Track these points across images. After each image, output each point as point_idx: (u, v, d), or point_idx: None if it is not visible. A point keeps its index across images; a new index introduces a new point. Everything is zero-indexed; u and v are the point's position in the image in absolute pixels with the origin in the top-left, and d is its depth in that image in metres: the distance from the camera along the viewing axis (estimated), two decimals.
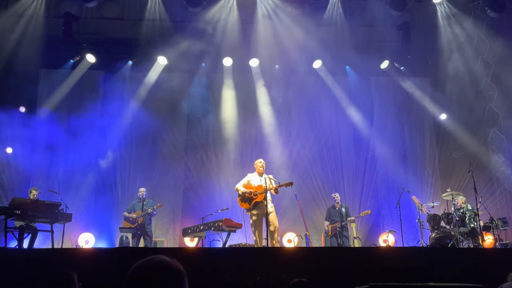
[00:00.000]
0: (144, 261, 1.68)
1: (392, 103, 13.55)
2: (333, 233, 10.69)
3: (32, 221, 8.18)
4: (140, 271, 1.64)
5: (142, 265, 1.66)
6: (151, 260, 1.67)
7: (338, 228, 10.57)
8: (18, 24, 12.43)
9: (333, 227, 10.70)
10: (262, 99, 13.34)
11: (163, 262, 1.67)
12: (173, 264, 1.68)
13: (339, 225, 10.58)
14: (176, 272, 1.66)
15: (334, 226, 10.71)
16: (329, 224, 10.98)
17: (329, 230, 10.78)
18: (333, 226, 10.70)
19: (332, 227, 10.72)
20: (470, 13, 12.90)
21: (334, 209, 11.12)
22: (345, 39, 12.63)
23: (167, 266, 1.66)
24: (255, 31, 12.81)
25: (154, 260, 1.67)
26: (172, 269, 1.66)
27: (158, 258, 1.68)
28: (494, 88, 12.94)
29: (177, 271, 1.67)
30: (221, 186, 12.62)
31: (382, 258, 6.65)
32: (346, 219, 10.78)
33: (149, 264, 1.66)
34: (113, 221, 12.27)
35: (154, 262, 1.66)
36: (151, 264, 1.66)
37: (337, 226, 10.56)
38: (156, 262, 1.66)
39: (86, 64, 13.05)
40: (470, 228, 10.03)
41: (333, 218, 10.96)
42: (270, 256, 6.71)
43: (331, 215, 11.11)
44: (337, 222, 10.64)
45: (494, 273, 5.21)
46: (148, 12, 12.73)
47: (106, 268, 5.88)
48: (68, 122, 12.43)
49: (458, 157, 12.97)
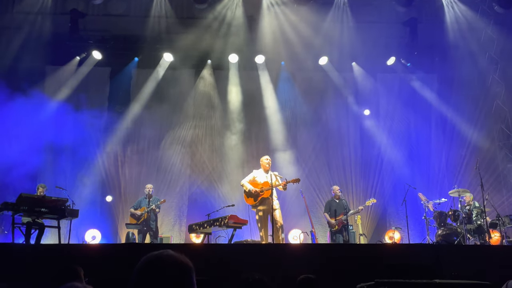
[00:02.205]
0: (153, 254, 1.68)
1: (398, 100, 13.47)
2: (339, 226, 10.48)
3: (39, 217, 8.22)
4: (148, 265, 1.65)
5: (151, 259, 1.66)
6: (159, 254, 1.68)
7: (344, 221, 10.35)
8: (25, 21, 12.47)
9: (339, 220, 10.47)
10: (268, 96, 13.33)
11: (172, 256, 1.67)
12: (181, 258, 1.68)
13: (343, 217, 10.35)
14: (184, 266, 1.67)
15: (339, 219, 10.48)
16: (331, 216, 10.74)
17: (335, 224, 10.53)
18: (338, 219, 10.48)
19: (338, 220, 10.48)
20: (477, 9, 12.80)
21: (335, 202, 10.81)
22: (351, 35, 12.60)
23: (176, 260, 1.67)
24: (260, 27, 12.79)
25: (163, 254, 1.67)
26: (180, 264, 1.66)
27: (166, 253, 1.68)
28: (501, 85, 12.85)
29: (185, 266, 1.67)
30: (227, 182, 12.65)
31: (388, 255, 6.64)
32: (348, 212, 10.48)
33: (158, 258, 1.66)
34: (120, 217, 12.34)
35: (162, 256, 1.67)
36: (160, 258, 1.66)
37: (342, 219, 10.35)
38: (165, 256, 1.67)
39: (92, 61, 13.09)
40: (476, 225, 10.00)
41: (335, 211, 10.61)
42: (276, 253, 6.71)
43: (331, 208, 10.74)
44: (341, 214, 10.43)
45: (501, 270, 5.20)
46: (154, 8, 12.75)
47: (112, 264, 5.91)
48: (74, 118, 12.49)
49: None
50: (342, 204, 10.65)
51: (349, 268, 6.03)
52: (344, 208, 10.49)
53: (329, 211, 10.77)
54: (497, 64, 12.86)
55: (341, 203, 10.70)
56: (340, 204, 10.69)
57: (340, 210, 10.53)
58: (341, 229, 10.45)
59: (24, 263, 6.03)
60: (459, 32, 12.96)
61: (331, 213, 10.69)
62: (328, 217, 10.71)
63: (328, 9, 12.87)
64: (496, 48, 12.73)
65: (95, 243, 11.21)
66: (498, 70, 12.85)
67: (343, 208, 10.51)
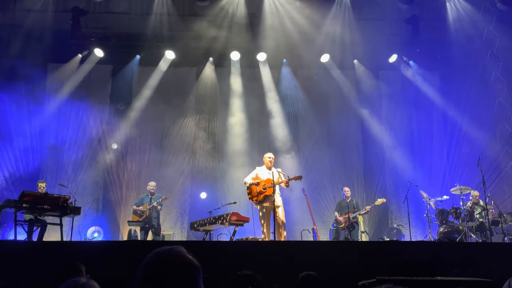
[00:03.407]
0: (163, 250, 1.68)
1: (400, 97, 13.47)
2: (345, 224, 10.55)
3: (41, 214, 8.25)
4: (157, 260, 1.65)
5: (158, 255, 1.66)
6: (170, 250, 1.67)
7: (353, 219, 10.45)
8: (27, 18, 12.48)
9: (345, 218, 10.54)
10: (270, 93, 13.32)
11: (181, 254, 1.67)
12: (190, 257, 1.68)
13: (352, 215, 10.43)
14: (193, 266, 1.67)
15: (345, 217, 10.55)
16: (340, 215, 10.84)
17: (342, 221, 10.65)
18: (345, 217, 10.55)
19: (344, 218, 10.56)
20: (479, 6, 12.77)
21: (345, 202, 10.97)
22: (353, 32, 12.58)
23: (185, 258, 1.66)
24: (262, 25, 12.78)
25: (173, 250, 1.67)
26: (189, 263, 1.66)
27: (176, 249, 1.68)
28: (503, 82, 12.81)
29: (194, 265, 1.67)
30: (229, 180, 12.65)
31: (389, 252, 6.64)
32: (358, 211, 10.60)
33: (168, 254, 1.66)
34: (121, 215, 12.37)
35: (172, 252, 1.67)
36: (170, 254, 1.66)
37: (349, 217, 10.40)
38: (174, 253, 1.67)
39: (94, 59, 13.09)
40: (478, 222, 9.99)
41: (343, 210, 10.81)
42: (278, 250, 6.72)
43: (342, 208, 10.95)
44: (350, 212, 10.49)
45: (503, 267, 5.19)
46: (155, 6, 12.75)
47: (114, 261, 5.92)
48: (76, 116, 12.51)
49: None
50: (352, 204, 10.86)
51: (350, 265, 6.03)
52: (353, 208, 10.71)
53: (339, 211, 11.01)
54: (499, 61, 12.82)
55: (351, 203, 10.88)
56: (349, 204, 10.86)
57: (347, 210, 10.63)
58: (348, 227, 10.47)
59: (26, 260, 6.04)
60: (461, 30, 12.93)
61: (341, 213, 10.92)
62: (338, 215, 10.93)
63: (330, 7, 12.86)
64: (499, 45, 12.68)
65: (98, 240, 11.23)
66: (501, 68, 12.81)
67: (352, 207, 10.73)
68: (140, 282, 1.62)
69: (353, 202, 10.97)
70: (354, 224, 10.57)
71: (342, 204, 11.05)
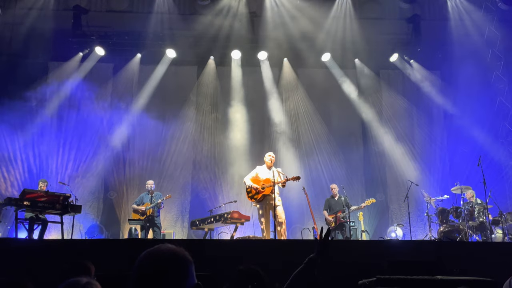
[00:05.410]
0: (152, 249, 1.71)
1: (401, 96, 13.48)
2: (336, 224, 10.47)
3: (42, 213, 8.25)
4: (147, 260, 1.68)
5: (150, 254, 1.70)
6: (158, 248, 1.71)
7: (342, 218, 10.35)
8: (28, 17, 12.48)
9: (334, 217, 10.47)
10: (271, 92, 13.33)
11: (170, 250, 1.71)
12: (179, 251, 1.72)
13: (341, 214, 10.35)
14: (181, 258, 1.70)
15: (334, 216, 10.49)
16: (329, 214, 10.73)
17: (332, 221, 10.54)
18: (334, 216, 10.48)
19: (334, 217, 10.48)
20: (481, 6, 12.77)
21: (334, 199, 10.81)
22: (354, 31, 12.58)
23: (174, 253, 1.70)
24: (263, 24, 12.79)
25: (161, 248, 1.71)
26: (179, 256, 1.70)
27: (164, 247, 1.72)
28: (504, 82, 12.81)
29: (182, 257, 1.71)
30: (230, 178, 12.66)
31: (390, 252, 6.64)
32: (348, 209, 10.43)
33: (157, 252, 1.70)
34: (122, 213, 12.38)
35: (161, 250, 1.70)
36: (159, 252, 1.70)
37: (339, 216, 10.36)
38: (163, 250, 1.70)
39: (95, 57, 13.09)
40: (479, 222, 9.99)
41: (333, 208, 10.66)
42: (278, 249, 6.72)
43: (331, 206, 10.76)
44: (339, 212, 10.45)
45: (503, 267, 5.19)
46: (156, 5, 12.77)
47: (115, 259, 5.93)
48: (77, 114, 12.52)
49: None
50: (341, 201, 10.62)
51: (350, 264, 6.03)
52: (342, 206, 10.49)
53: (328, 209, 10.79)
54: (500, 61, 12.81)
55: (339, 201, 10.68)
56: (337, 201, 10.70)
57: (337, 208, 10.54)
58: (339, 227, 10.41)
59: (26, 258, 6.05)
60: (462, 29, 12.92)
61: (330, 211, 10.72)
62: (327, 214, 10.72)
63: (331, 5, 12.87)
64: (500, 45, 12.67)
65: (98, 238, 11.24)
66: (502, 67, 12.80)
67: (341, 205, 10.51)
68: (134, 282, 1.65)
69: (342, 199, 10.62)
70: (344, 223, 10.33)
71: (331, 202, 10.82)
